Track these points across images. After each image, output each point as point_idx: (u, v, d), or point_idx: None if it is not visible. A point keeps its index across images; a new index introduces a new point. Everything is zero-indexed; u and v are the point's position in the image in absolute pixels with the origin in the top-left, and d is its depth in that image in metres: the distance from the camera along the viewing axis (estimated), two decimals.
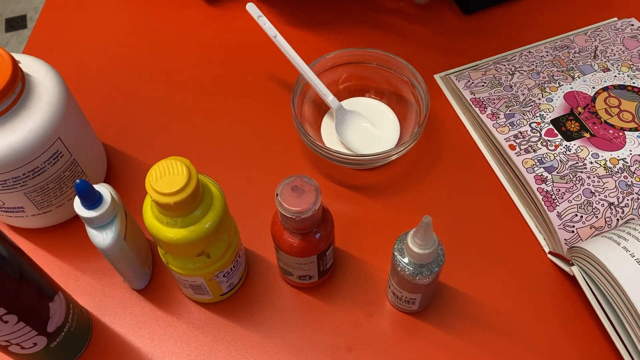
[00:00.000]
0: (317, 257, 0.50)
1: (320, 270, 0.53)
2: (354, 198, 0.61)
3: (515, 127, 0.62)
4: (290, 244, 0.49)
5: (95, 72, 0.71)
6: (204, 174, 0.48)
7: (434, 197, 0.61)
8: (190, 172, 0.43)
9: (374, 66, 0.65)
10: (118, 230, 0.49)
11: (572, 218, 0.56)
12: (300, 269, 0.52)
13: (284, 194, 0.46)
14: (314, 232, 0.49)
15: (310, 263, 0.51)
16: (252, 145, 0.65)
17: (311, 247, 0.49)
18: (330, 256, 0.53)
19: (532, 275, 0.56)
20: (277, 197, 0.46)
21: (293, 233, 0.49)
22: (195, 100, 0.68)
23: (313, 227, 0.48)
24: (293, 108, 0.60)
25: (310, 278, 0.54)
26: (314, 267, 0.52)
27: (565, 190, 0.57)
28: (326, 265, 0.53)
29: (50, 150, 0.52)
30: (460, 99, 0.66)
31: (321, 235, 0.49)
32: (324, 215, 0.50)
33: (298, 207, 0.46)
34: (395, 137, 0.64)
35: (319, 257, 0.51)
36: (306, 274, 0.53)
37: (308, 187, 0.46)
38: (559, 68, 0.66)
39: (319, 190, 0.46)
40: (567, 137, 0.60)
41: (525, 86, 0.65)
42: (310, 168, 0.63)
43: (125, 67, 0.71)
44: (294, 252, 0.50)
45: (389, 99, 0.66)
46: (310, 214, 0.46)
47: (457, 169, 0.62)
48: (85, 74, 0.71)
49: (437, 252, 0.48)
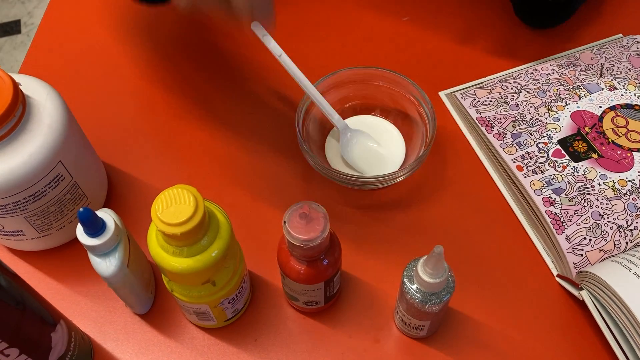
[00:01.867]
0: (324, 283, 0.50)
1: (326, 296, 0.52)
2: (359, 219, 0.60)
3: (523, 148, 0.61)
4: (297, 270, 0.48)
5: (96, 89, 0.70)
6: (209, 200, 0.47)
7: (441, 218, 0.60)
8: (197, 201, 0.42)
9: (379, 84, 0.64)
10: (121, 257, 0.48)
11: (580, 241, 0.55)
12: (306, 295, 0.51)
13: (292, 222, 0.45)
14: (322, 259, 0.48)
15: (317, 289, 0.50)
16: (255, 164, 0.64)
17: (318, 274, 0.49)
18: (337, 281, 0.52)
19: (540, 299, 0.55)
20: (284, 225, 0.45)
21: (300, 260, 0.48)
22: (198, 119, 0.67)
23: (321, 255, 0.48)
24: (298, 127, 0.59)
25: (317, 304, 0.53)
26: (320, 294, 0.51)
27: (573, 213, 0.56)
28: (332, 290, 0.52)
29: (51, 174, 0.51)
30: (466, 117, 0.66)
31: (329, 262, 0.48)
32: (331, 241, 0.49)
33: (306, 235, 0.45)
34: (401, 156, 0.63)
35: (326, 284, 0.50)
36: (312, 300, 0.52)
37: (316, 214, 0.46)
38: (565, 86, 0.66)
39: (327, 218, 0.46)
40: (574, 158, 0.60)
41: (531, 105, 0.64)
42: (315, 188, 0.62)
43: (127, 84, 0.70)
44: (301, 279, 0.49)
45: (394, 117, 0.65)
46: (318, 242, 0.45)
47: (463, 188, 0.62)
48: (84, 91, 0.70)
49: (447, 280, 0.47)
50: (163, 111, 0.68)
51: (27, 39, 1.92)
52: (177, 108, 0.68)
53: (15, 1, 2.02)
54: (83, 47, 0.74)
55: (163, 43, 0.74)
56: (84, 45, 0.74)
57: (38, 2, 2.02)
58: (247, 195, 0.62)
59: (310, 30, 0.74)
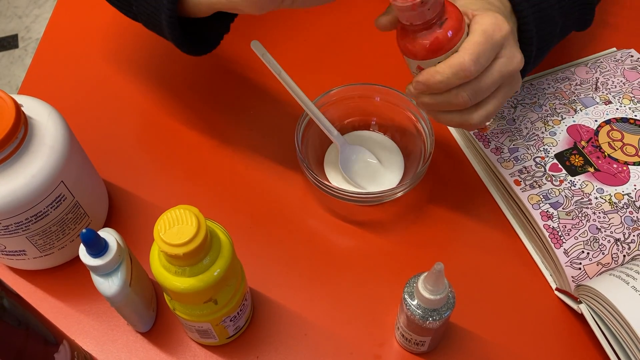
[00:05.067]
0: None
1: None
2: (358, 234, 0.61)
3: (520, 162, 0.62)
4: (423, 45, 0.48)
5: (97, 107, 0.70)
6: (211, 219, 0.48)
7: (440, 232, 0.61)
8: (199, 222, 0.43)
9: (377, 101, 0.65)
10: (124, 277, 0.48)
11: (578, 255, 0.55)
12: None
13: None
14: (438, 23, 0.47)
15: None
16: (255, 180, 0.64)
17: (443, 38, 0.47)
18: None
19: (539, 312, 0.56)
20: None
21: (419, 32, 0.47)
22: (198, 137, 0.68)
23: (435, 16, 0.46)
24: (297, 144, 0.60)
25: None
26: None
27: (571, 227, 0.57)
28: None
29: (53, 195, 0.51)
30: (463, 131, 0.66)
31: (445, 25, 0.47)
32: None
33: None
34: (400, 171, 0.64)
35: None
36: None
37: None
38: (561, 100, 0.66)
39: None
40: (571, 172, 0.60)
41: (528, 119, 0.65)
42: (314, 203, 0.63)
43: (127, 102, 0.71)
44: (432, 49, 0.47)
45: (392, 133, 0.66)
46: None
47: (461, 203, 0.62)
48: (86, 109, 0.70)
49: (447, 296, 0.47)
50: (164, 130, 0.68)
51: (24, 53, 1.93)
52: (178, 126, 0.69)
53: (13, 15, 2.03)
54: (84, 65, 0.74)
55: (164, 61, 0.74)
56: (84, 63, 0.74)
57: (35, 17, 2.03)
58: (248, 211, 0.62)
59: (309, 48, 0.75)
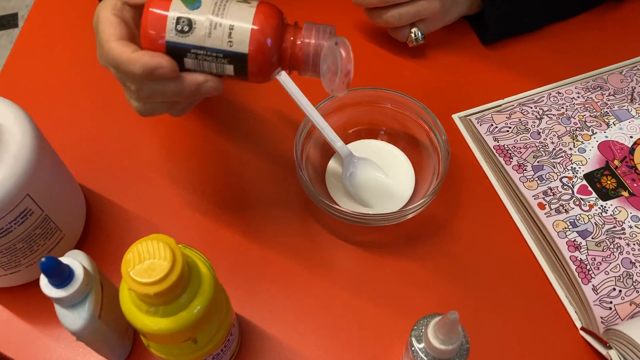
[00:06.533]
0: None
1: None
2: (362, 257, 0.55)
3: (545, 182, 0.55)
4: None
5: (76, 108, 0.64)
6: (191, 247, 0.42)
7: (453, 258, 0.54)
8: (174, 256, 0.37)
9: (386, 107, 0.58)
10: (92, 309, 0.42)
11: (609, 292, 0.49)
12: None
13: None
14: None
15: None
16: (247, 194, 0.58)
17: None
18: None
19: (561, 354, 0.50)
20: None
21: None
22: (188, 142, 0.61)
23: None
24: (296, 155, 0.53)
25: None
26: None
27: (601, 260, 0.50)
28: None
29: (17, 209, 0.45)
30: (482, 144, 0.60)
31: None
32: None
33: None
34: (410, 187, 0.57)
35: None
36: None
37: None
38: (591, 112, 0.60)
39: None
40: (602, 196, 0.54)
41: (554, 133, 0.58)
42: (313, 221, 0.56)
43: (112, 103, 0.64)
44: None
45: (403, 143, 0.59)
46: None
47: (478, 225, 0.56)
48: (63, 110, 0.64)
49: (461, 344, 0.41)
50: (149, 133, 0.62)
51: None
52: (165, 132, 0.62)
53: None
54: (66, 63, 0.68)
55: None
56: (67, 61, 0.68)
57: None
58: (239, 228, 0.56)
59: None
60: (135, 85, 0.42)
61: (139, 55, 0.40)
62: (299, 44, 0.41)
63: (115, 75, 0.43)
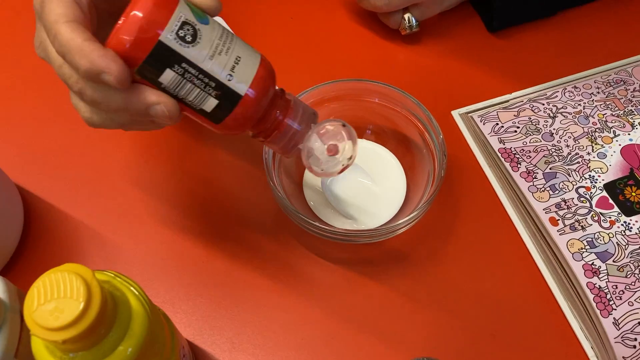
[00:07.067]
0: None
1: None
2: (344, 278, 0.47)
3: (558, 193, 0.47)
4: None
5: (8, 100, 0.56)
6: (121, 275, 0.34)
7: (449, 280, 0.46)
8: (90, 292, 0.29)
9: (374, 102, 0.50)
10: (4, 345, 0.35)
11: (633, 328, 0.41)
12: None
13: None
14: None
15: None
16: (211, 198, 0.50)
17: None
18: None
19: None
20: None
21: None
22: (142, 138, 0.53)
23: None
24: (265, 159, 0.45)
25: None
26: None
27: (624, 288, 0.43)
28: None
29: None
30: (485, 146, 0.52)
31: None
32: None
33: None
34: (401, 196, 0.49)
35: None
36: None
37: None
38: (613, 111, 0.51)
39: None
40: (626, 211, 0.46)
41: (570, 135, 0.50)
42: (286, 234, 0.49)
43: (52, 94, 0.56)
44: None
45: (392, 143, 0.51)
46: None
47: (479, 242, 0.48)
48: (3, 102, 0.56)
49: None
50: (101, 131, 0.54)
51: None
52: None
53: None
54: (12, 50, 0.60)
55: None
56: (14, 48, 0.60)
57: None
58: (200, 241, 0.48)
59: (289, 35, 0.60)
60: (81, 86, 0.34)
61: (91, 47, 0.32)
62: (285, 122, 0.38)
63: (58, 70, 0.35)
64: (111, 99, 0.34)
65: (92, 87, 0.33)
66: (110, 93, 0.33)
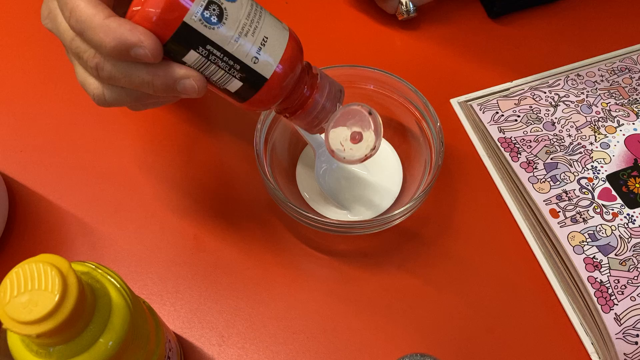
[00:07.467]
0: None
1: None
2: (339, 270, 0.45)
3: (559, 184, 0.45)
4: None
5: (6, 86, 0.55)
6: (103, 267, 0.33)
7: (446, 274, 0.45)
8: (66, 284, 0.28)
9: (369, 89, 0.48)
10: None
11: (635, 323, 0.40)
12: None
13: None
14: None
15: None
16: (200, 190, 0.49)
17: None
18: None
19: None
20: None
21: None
22: (130, 125, 0.52)
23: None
24: (256, 148, 0.44)
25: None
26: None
27: (626, 282, 0.41)
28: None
29: None
30: (484, 136, 0.50)
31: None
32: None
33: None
34: (397, 186, 0.48)
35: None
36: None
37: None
38: (617, 100, 0.50)
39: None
40: (629, 203, 0.44)
41: (572, 124, 0.48)
42: (279, 224, 0.47)
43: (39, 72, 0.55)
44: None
45: (388, 132, 0.50)
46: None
47: (476, 233, 0.47)
48: None
49: None
50: (89, 116, 0.52)
51: None
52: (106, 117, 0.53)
53: None
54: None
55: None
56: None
57: None
58: (188, 232, 0.47)
59: (283, 19, 0.58)
60: (98, 61, 0.32)
61: (117, 23, 0.30)
62: (311, 100, 0.36)
63: (69, 44, 0.33)
64: (135, 74, 0.32)
65: (112, 62, 0.32)
66: (134, 68, 0.32)
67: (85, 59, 0.32)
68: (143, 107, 0.37)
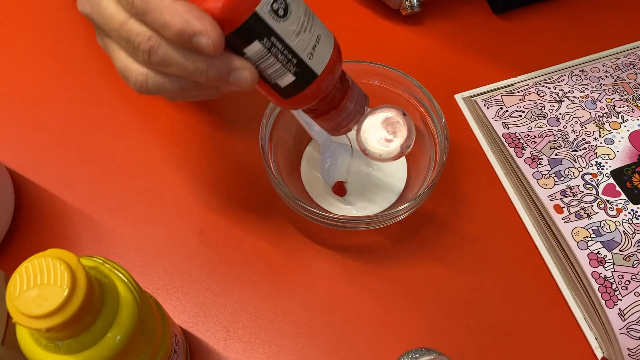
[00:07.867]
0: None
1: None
2: (343, 265, 0.46)
3: (564, 180, 0.45)
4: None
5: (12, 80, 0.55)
6: (110, 261, 0.33)
7: (450, 269, 0.45)
8: (75, 279, 0.28)
9: (374, 84, 0.48)
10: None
11: (639, 319, 0.40)
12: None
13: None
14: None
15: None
16: (205, 184, 0.49)
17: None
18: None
19: None
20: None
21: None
22: (135, 119, 0.52)
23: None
24: (261, 143, 0.44)
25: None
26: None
27: (630, 278, 0.41)
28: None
29: None
30: (489, 131, 0.50)
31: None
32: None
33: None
34: (402, 181, 0.48)
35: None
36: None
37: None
38: (622, 95, 0.50)
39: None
40: (633, 199, 0.44)
41: (576, 120, 0.48)
42: (283, 219, 0.47)
43: (49, 67, 0.55)
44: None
45: None
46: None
47: (481, 229, 0.47)
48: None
49: None
50: (94, 111, 0.53)
51: None
52: (111, 106, 0.53)
53: None
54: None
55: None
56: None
57: None
58: (193, 227, 0.47)
59: None
60: (152, 44, 0.31)
61: (185, 8, 0.29)
62: (343, 103, 0.37)
63: (120, 27, 0.31)
64: (190, 62, 0.31)
65: (168, 46, 0.31)
66: (191, 55, 0.31)
67: (137, 42, 0.31)
68: (181, 98, 0.35)
